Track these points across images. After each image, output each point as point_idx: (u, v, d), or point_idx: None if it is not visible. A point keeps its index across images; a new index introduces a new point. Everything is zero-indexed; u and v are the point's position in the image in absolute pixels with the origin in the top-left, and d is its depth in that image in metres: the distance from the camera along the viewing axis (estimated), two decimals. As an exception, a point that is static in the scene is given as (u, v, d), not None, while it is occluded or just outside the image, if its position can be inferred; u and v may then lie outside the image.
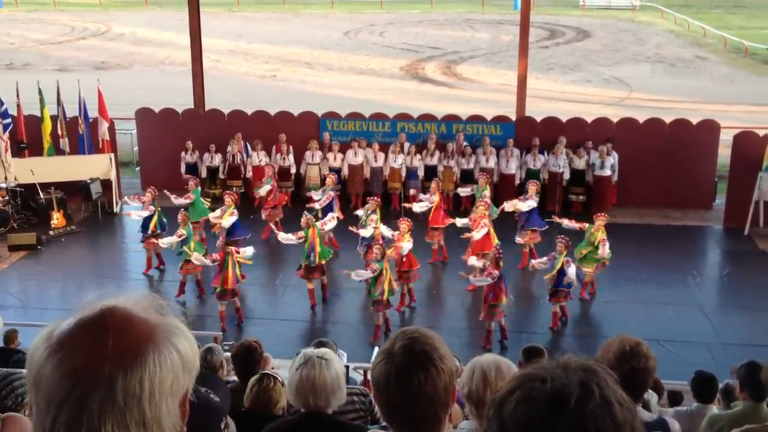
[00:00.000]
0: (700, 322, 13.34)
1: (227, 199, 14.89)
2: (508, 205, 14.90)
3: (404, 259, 13.09)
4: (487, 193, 15.40)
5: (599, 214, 13.82)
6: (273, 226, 15.91)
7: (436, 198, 14.97)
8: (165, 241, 14.09)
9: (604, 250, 13.23)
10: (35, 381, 1.35)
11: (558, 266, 12.36)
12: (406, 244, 12.95)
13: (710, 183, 18.38)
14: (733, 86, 33.25)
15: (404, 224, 13.04)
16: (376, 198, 14.75)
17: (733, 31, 44.73)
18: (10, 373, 4.19)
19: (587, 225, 13.59)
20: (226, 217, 14.58)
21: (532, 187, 15.16)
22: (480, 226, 13.67)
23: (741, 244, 16.65)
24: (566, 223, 14.02)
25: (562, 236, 12.79)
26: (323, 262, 13.50)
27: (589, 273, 13.56)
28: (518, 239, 15.01)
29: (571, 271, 12.38)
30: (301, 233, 13.36)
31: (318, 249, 13.28)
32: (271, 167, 17.03)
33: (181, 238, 13.61)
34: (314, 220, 13.63)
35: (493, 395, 1.43)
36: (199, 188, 16.04)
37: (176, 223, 13.87)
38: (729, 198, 17.70)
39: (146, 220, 14.86)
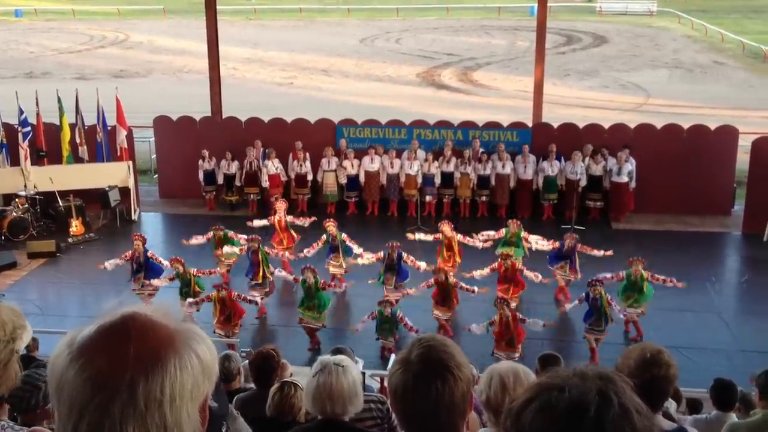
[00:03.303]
0: (719, 328, 13.24)
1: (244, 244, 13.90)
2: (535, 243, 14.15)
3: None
4: (525, 235, 14.23)
5: (635, 259, 12.69)
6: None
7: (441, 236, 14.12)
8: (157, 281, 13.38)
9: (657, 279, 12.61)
10: (57, 387, 1.37)
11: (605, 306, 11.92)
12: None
13: (729, 189, 18.25)
14: (752, 91, 33.05)
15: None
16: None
17: (751, 36, 44.47)
18: (33, 374, 4.22)
19: (623, 274, 12.63)
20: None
21: (568, 242, 13.84)
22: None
23: (760, 250, 16.51)
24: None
25: (597, 280, 12.05)
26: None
27: (639, 312, 12.82)
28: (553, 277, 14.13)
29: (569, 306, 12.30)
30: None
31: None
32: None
33: (171, 282, 13.12)
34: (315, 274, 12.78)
35: (510, 405, 1.43)
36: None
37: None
38: (748, 204, 17.58)
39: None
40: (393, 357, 8.90)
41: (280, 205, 15.12)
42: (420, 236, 14.63)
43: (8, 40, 49.70)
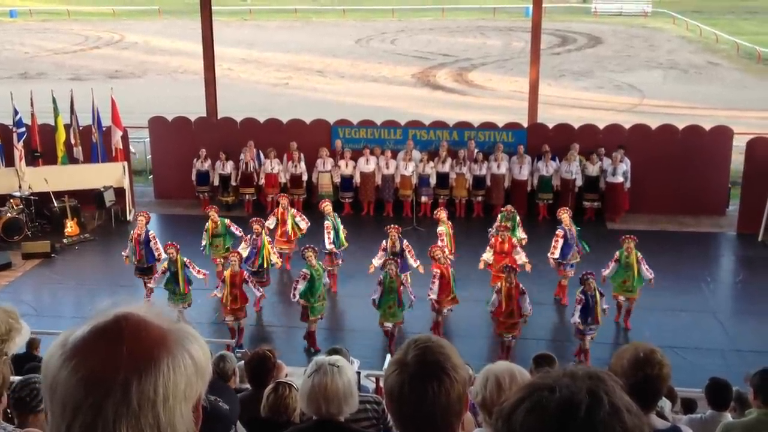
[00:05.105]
0: (714, 328, 13.27)
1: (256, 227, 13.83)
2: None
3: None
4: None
5: (626, 237, 12.97)
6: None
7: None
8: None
9: (646, 269, 12.73)
10: (51, 387, 1.37)
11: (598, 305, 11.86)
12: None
13: (723, 189, 18.29)
14: (746, 92, 33.11)
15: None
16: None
17: (745, 36, 44.55)
18: (29, 378, 4.21)
19: (617, 254, 12.85)
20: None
21: (565, 216, 13.99)
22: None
23: (755, 250, 16.56)
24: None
25: (589, 273, 11.99)
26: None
27: (631, 299, 12.96)
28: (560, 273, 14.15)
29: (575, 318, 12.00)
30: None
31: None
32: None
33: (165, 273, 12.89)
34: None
35: (500, 405, 1.43)
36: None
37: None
38: (742, 204, 17.62)
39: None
40: (389, 358, 8.91)
41: (284, 200, 15.29)
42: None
43: (3, 41, 49.59)
